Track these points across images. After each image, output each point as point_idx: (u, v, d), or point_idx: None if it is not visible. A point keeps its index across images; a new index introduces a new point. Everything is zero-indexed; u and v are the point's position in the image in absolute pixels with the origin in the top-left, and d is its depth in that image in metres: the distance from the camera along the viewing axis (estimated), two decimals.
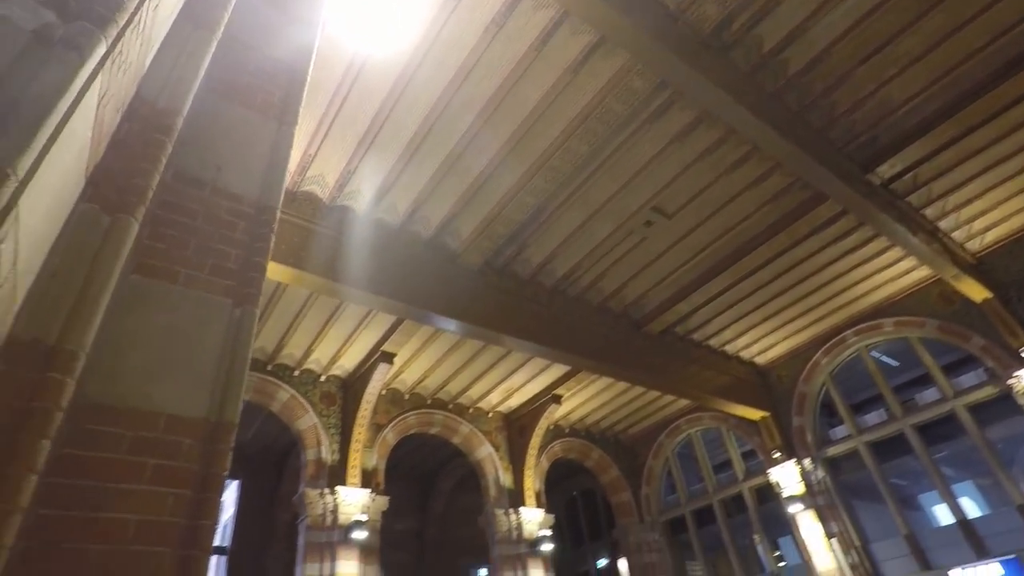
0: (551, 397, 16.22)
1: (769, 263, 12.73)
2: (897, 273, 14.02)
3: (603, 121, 9.18)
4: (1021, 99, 9.50)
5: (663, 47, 7.58)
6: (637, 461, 20.27)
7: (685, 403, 18.27)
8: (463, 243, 11.25)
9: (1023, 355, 12.50)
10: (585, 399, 17.68)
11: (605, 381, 16.49)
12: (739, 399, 15.96)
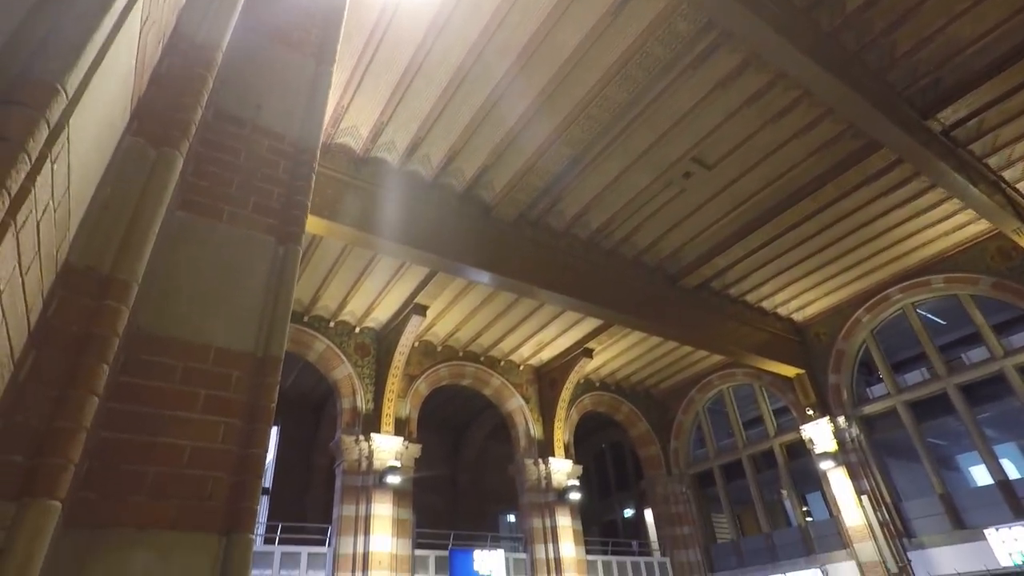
0: (583, 351, 16.28)
1: (814, 216, 12.26)
2: (951, 227, 13.36)
3: (643, 67, 8.78)
4: None
5: None
6: (667, 415, 20.37)
7: (718, 359, 18.13)
8: (497, 195, 11.12)
9: None
10: (617, 353, 17.70)
11: (638, 335, 16.43)
12: (775, 356, 15.74)
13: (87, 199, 1.61)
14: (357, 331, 14.90)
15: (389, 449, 13.66)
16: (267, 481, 20.33)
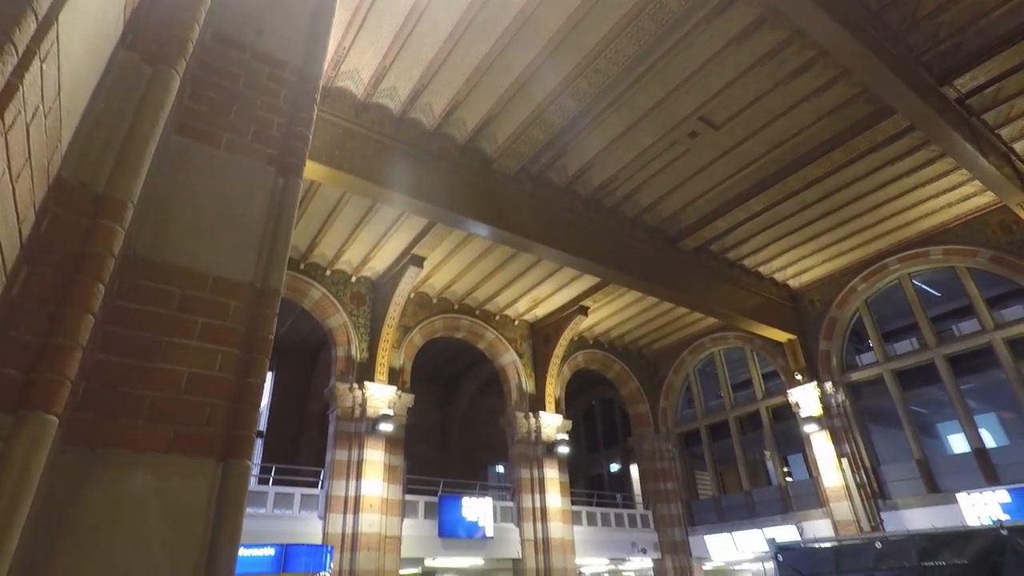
0: (578, 308, 16.35)
1: (818, 181, 12.12)
2: (956, 199, 13.26)
3: (656, 19, 8.48)
4: None
5: None
6: (658, 375, 20.68)
7: (711, 321, 18.27)
8: (499, 148, 10.91)
9: None
10: (612, 312, 17.80)
11: (633, 295, 16.48)
12: (768, 320, 15.86)
13: (79, 111, 1.54)
14: (353, 280, 14.87)
15: (382, 398, 13.85)
16: (262, 425, 20.68)
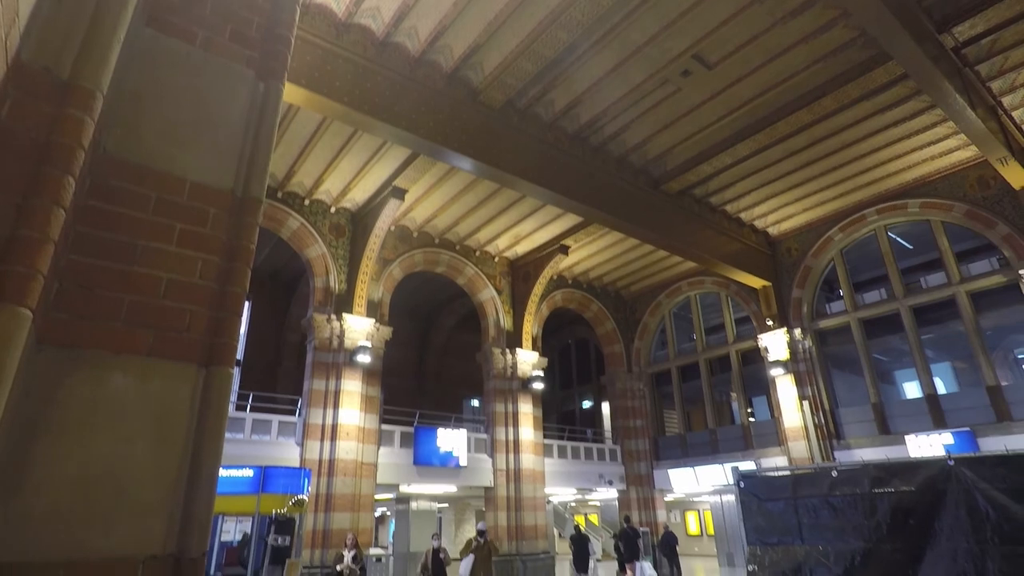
0: (559, 247, 16.37)
1: (807, 128, 12.03)
2: (939, 152, 13.34)
3: None
4: None
5: None
6: (634, 316, 21.08)
7: (689, 265, 18.49)
8: (486, 78, 10.51)
9: None
10: (592, 252, 17.87)
11: (614, 236, 16.51)
12: (745, 267, 16.12)
13: None
14: (332, 211, 14.57)
15: (360, 330, 13.90)
16: (239, 354, 20.59)
